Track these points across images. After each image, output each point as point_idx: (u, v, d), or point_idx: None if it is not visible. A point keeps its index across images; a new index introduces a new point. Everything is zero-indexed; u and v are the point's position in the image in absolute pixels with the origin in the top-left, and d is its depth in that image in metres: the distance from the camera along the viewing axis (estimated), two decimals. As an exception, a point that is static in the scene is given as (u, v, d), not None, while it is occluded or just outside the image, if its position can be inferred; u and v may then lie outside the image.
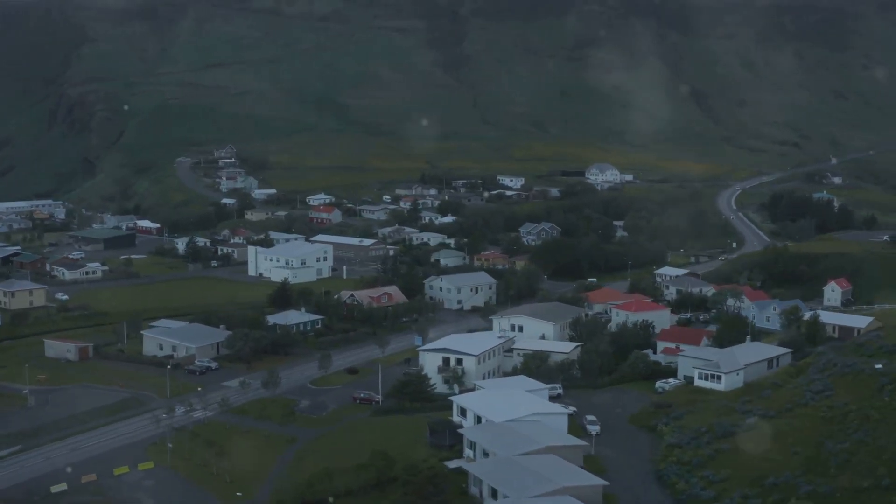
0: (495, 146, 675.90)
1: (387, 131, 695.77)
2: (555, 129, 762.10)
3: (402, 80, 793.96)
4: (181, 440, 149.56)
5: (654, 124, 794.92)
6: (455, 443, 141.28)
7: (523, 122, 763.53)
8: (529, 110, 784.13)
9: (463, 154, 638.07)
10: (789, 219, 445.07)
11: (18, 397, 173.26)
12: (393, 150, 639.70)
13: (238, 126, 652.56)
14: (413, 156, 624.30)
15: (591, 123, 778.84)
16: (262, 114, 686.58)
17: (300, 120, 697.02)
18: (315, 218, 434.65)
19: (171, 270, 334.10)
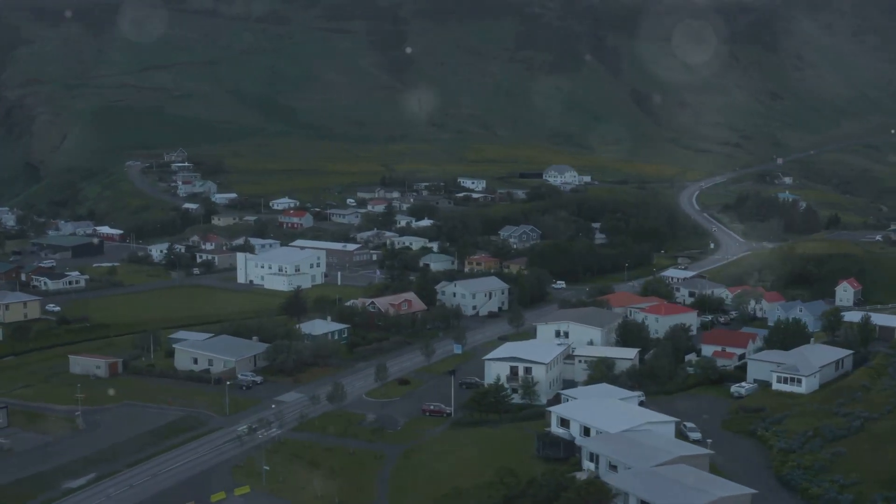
0: (447, 148, 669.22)
1: (335, 134, 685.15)
2: (503, 130, 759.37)
3: (346, 82, 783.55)
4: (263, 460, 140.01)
5: (600, 126, 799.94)
6: (569, 455, 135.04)
7: (471, 124, 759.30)
8: (476, 112, 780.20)
9: (416, 157, 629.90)
10: (757, 219, 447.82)
11: (64, 419, 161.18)
12: (345, 153, 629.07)
13: (184, 129, 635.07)
14: (366, 159, 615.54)
15: (537, 125, 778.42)
16: (207, 116, 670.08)
17: (245, 122, 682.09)
18: (285, 223, 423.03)
19: (153, 279, 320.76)
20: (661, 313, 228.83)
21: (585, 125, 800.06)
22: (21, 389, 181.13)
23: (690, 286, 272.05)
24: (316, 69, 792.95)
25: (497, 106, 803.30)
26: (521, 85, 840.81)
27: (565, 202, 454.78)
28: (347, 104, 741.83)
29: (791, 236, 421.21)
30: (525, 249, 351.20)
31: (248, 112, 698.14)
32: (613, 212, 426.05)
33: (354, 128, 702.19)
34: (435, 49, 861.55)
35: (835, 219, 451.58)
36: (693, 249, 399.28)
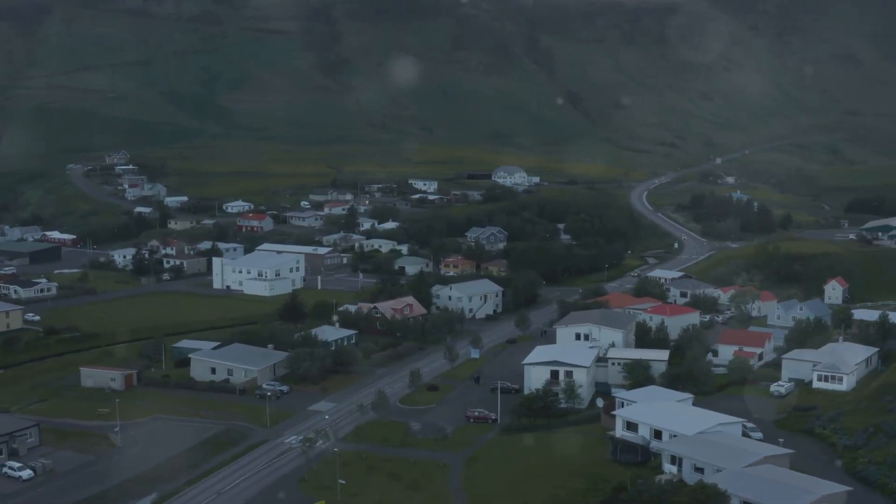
0: (389, 149, 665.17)
1: (275, 135, 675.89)
2: (442, 131, 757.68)
3: (282, 83, 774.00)
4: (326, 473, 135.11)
5: (537, 126, 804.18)
6: (647, 459, 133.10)
7: (410, 124, 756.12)
8: (414, 113, 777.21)
9: (360, 158, 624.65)
10: (713, 219, 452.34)
11: (97, 435, 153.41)
12: (288, 155, 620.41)
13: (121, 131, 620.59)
14: (310, 160, 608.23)
15: (476, 126, 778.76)
16: (144, 118, 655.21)
17: (183, 124, 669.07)
18: (245, 226, 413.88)
19: (123, 285, 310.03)
20: (667, 314, 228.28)
21: (523, 126, 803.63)
22: (36, 405, 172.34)
23: (680, 286, 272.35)
24: (251, 70, 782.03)
25: (434, 107, 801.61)
26: (457, 86, 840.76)
27: (525, 203, 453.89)
28: (284, 105, 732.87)
29: (747, 236, 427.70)
30: (499, 252, 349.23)
31: (184, 113, 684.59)
32: (577, 213, 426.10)
33: (294, 129, 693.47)
34: (369, 49, 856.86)
35: (787, 218, 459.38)
36: (656, 249, 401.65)
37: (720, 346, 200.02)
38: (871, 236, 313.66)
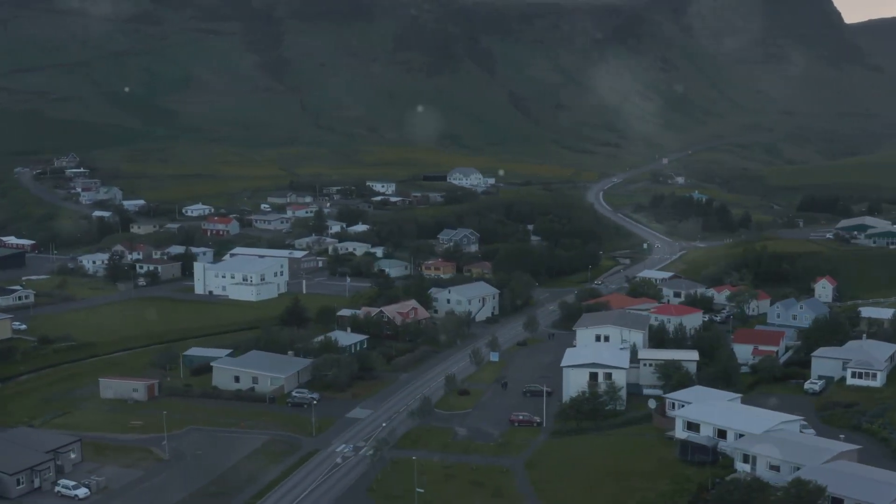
0: (338, 151, 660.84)
1: (222, 137, 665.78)
2: (389, 132, 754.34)
3: (226, 84, 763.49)
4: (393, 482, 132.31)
5: (482, 127, 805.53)
6: (716, 458, 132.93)
7: (358, 126, 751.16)
8: (361, 114, 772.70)
9: (311, 160, 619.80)
10: (675, 219, 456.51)
11: (139, 449, 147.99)
12: (239, 157, 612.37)
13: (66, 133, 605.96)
14: (261, 163, 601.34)
15: (422, 127, 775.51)
16: (88, 120, 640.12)
17: (128, 126, 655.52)
18: (210, 230, 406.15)
19: (97, 292, 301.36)
20: (672, 314, 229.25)
21: (468, 127, 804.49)
22: (59, 419, 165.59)
23: (672, 287, 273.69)
24: (194, 71, 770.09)
25: (380, 108, 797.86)
26: (402, 87, 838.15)
27: (491, 205, 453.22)
28: (230, 106, 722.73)
29: (709, 235, 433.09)
30: (479, 254, 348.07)
31: (128, 115, 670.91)
32: (544, 214, 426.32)
33: (241, 131, 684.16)
34: (312, 51, 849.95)
35: (746, 217, 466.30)
36: (624, 250, 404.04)
37: (736, 345, 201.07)
38: (849, 235, 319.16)
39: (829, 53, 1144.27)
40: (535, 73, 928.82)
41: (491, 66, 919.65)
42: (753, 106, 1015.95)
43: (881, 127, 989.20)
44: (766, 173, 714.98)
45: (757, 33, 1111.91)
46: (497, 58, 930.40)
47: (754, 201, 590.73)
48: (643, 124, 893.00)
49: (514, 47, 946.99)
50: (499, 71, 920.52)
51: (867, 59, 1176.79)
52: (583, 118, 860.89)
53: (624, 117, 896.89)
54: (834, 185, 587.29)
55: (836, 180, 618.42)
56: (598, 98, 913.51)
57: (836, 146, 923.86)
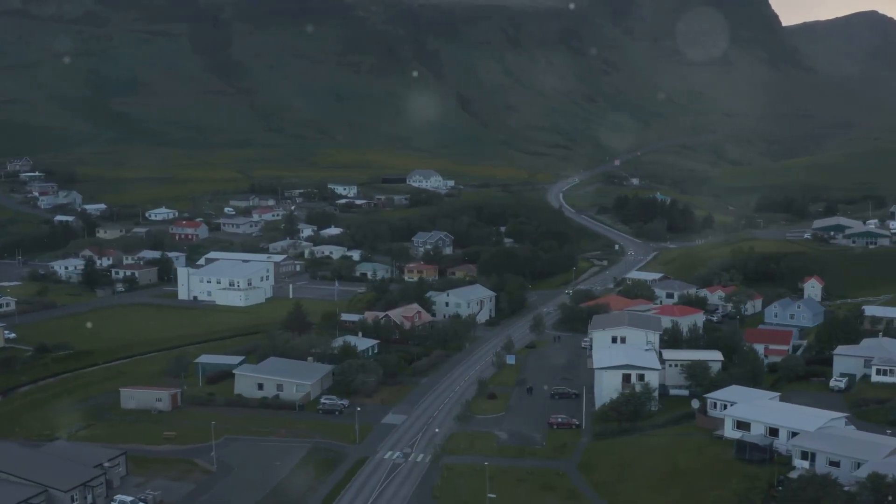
0: (292, 154, 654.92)
1: (174, 140, 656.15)
2: (340, 135, 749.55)
3: (175, 86, 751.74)
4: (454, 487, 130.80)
5: (432, 129, 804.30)
6: (771, 456, 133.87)
7: (309, 128, 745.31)
8: (311, 116, 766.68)
9: (266, 162, 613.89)
10: (640, 220, 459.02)
11: (184, 461, 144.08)
12: (193, 160, 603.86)
13: (14, 136, 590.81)
14: (218, 165, 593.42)
15: (373, 129, 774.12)
16: (37, 123, 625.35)
17: (77, 129, 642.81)
18: (179, 234, 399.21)
19: (75, 298, 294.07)
20: (676, 315, 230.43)
21: (419, 129, 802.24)
22: (84, 431, 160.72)
23: (665, 287, 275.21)
24: (141, 73, 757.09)
25: (330, 110, 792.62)
26: (351, 89, 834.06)
27: (461, 207, 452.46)
28: (180, 109, 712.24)
29: (675, 236, 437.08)
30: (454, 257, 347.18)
31: (77, 118, 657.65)
32: (514, 216, 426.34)
33: (193, 133, 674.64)
34: (261, 52, 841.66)
35: (708, 218, 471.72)
36: (594, 251, 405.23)
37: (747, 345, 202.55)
38: (828, 236, 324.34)
39: (767, 55, 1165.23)
40: (483, 75, 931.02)
41: (438, 68, 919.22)
42: (695, 107, 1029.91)
43: (819, 127, 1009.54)
44: (714, 174, 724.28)
45: (697, 36, 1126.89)
46: (444, 60, 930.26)
47: (708, 202, 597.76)
48: (590, 126, 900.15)
49: (461, 49, 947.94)
50: (446, 73, 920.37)
51: (803, 61, 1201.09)
52: (531, 120, 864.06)
53: (571, 119, 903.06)
54: (785, 186, 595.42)
55: (786, 181, 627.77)
56: (546, 100, 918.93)
57: (776, 147, 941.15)
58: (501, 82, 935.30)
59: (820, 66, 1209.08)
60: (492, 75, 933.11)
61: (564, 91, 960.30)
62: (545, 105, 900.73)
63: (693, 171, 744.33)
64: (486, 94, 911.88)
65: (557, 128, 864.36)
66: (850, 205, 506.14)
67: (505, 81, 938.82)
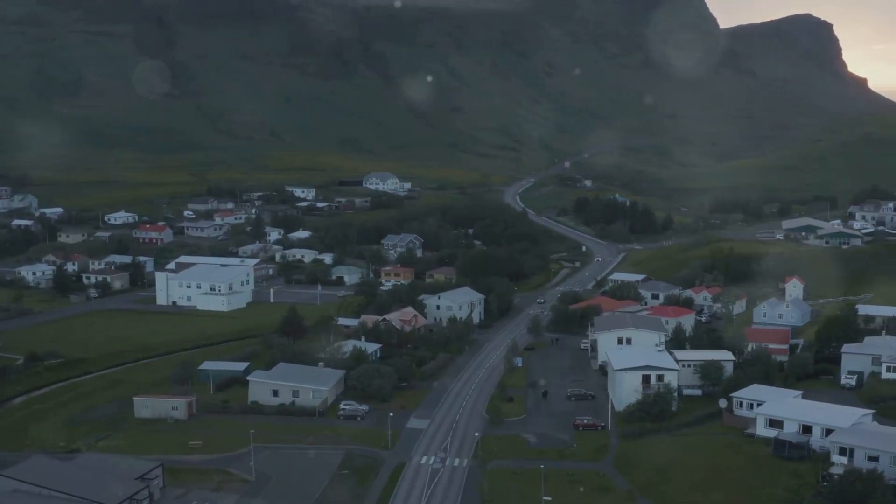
0: (243, 156, 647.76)
1: (123, 142, 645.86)
2: (290, 137, 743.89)
3: (120, 88, 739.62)
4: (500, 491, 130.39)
5: (381, 132, 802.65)
6: (809, 454, 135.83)
7: (258, 130, 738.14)
8: (260, 119, 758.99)
9: (218, 165, 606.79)
10: (603, 222, 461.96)
11: (218, 471, 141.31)
12: (144, 163, 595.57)
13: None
14: (169, 168, 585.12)
15: (322, 131, 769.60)
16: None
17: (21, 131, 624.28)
18: (143, 238, 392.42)
19: (47, 304, 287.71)
20: (670, 315, 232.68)
21: (368, 131, 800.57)
22: (102, 442, 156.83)
23: (649, 289, 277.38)
24: (86, 74, 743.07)
25: (279, 112, 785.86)
26: (298, 91, 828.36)
27: (426, 209, 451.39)
28: (127, 111, 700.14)
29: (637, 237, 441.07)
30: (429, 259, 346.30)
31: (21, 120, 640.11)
32: (481, 219, 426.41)
33: (141, 136, 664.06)
34: (207, 54, 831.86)
35: (668, 219, 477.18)
36: (561, 253, 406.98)
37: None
38: (800, 236, 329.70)
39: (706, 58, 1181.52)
40: (429, 78, 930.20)
41: (385, 70, 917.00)
42: (638, 110, 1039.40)
43: (758, 129, 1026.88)
44: (664, 175, 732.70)
45: (638, 38, 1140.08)
46: (391, 62, 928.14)
47: (660, 203, 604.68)
48: (537, 128, 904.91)
49: (407, 51, 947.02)
50: (393, 75, 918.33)
51: (741, 64, 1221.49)
52: (479, 122, 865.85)
53: (518, 121, 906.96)
54: (734, 187, 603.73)
55: (734, 182, 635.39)
56: (492, 102, 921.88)
57: (718, 148, 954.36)
58: (447, 84, 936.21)
59: (757, 68, 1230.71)
60: (438, 77, 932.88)
61: (509, 93, 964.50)
62: (491, 107, 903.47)
63: (642, 172, 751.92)
64: (433, 96, 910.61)
65: (504, 130, 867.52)
66: (803, 205, 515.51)
67: (451, 84, 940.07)
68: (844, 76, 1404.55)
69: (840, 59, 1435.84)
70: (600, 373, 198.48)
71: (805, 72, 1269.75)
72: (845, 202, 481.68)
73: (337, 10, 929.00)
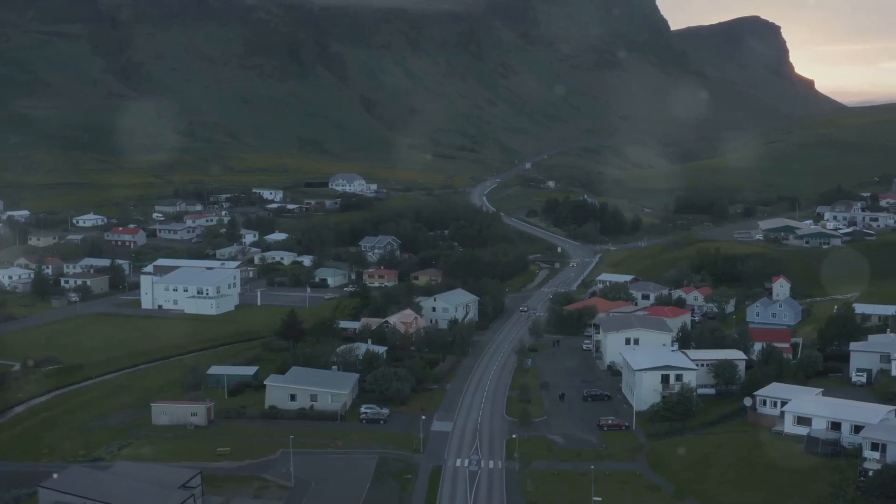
0: (205, 158, 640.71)
1: (81, 144, 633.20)
2: (249, 138, 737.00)
3: (76, 89, 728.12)
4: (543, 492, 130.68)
5: (339, 133, 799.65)
6: (841, 450, 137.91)
7: (216, 132, 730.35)
8: (218, 120, 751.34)
9: (180, 167, 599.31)
10: (574, 223, 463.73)
11: (255, 478, 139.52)
12: (106, 164, 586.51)
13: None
14: (132, 170, 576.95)
15: (280, 132, 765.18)
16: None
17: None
18: (116, 240, 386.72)
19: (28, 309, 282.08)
20: (667, 315, 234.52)
21: (328, 133, 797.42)
22: (125, 450, 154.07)
23: (640, 289, 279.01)
24: (41, 75, 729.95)
25: (237, 113, 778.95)
26: (256, 92, 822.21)
27: (399, 211, 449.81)
28: (83, 112, 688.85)
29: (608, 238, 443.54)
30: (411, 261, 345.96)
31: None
32: (456, 220, 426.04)
33: (100, 137, 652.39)
34: (162, 55, 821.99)
35: (637, 220, 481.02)
36: (536, 254, 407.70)
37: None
38: (780, 237, 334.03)
39: (658, 60, 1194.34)
40: (386, 79, 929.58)
41: (342, 71, 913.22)
42: (592, 111, 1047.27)
43: (710, 131, 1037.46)
44: (624, 176, 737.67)
45: (591, 41, 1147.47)
46: (347, 63, 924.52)
47: (625, 204, 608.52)
48: (494, 129, 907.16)
49: (363, 52, 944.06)
50: (350, 76, 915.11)
51: (692, 66, 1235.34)
52: (436, 123, 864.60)
53: (475, 122, 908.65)
54: (695, 188, 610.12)
55: (694, 183, 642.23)
56: (449, 103, 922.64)
57: (672, 150, 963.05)
58: (404, 86, 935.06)
59: (707, 70, 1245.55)
60: (394, 78, 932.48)
61: (466, 94, 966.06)
62: (448, 108, 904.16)
63: (601, 173, 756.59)
64: (390, 97, 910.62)
65: (462, 131, 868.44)
66: (767, 206, 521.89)
67: (408, 85, 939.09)
68: (792, 78, 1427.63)
69: (788, 60, 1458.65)
70: (609, 373, 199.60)
71: (754, 73, 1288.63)
72: (809, 203, 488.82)
73: (292, 10, 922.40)
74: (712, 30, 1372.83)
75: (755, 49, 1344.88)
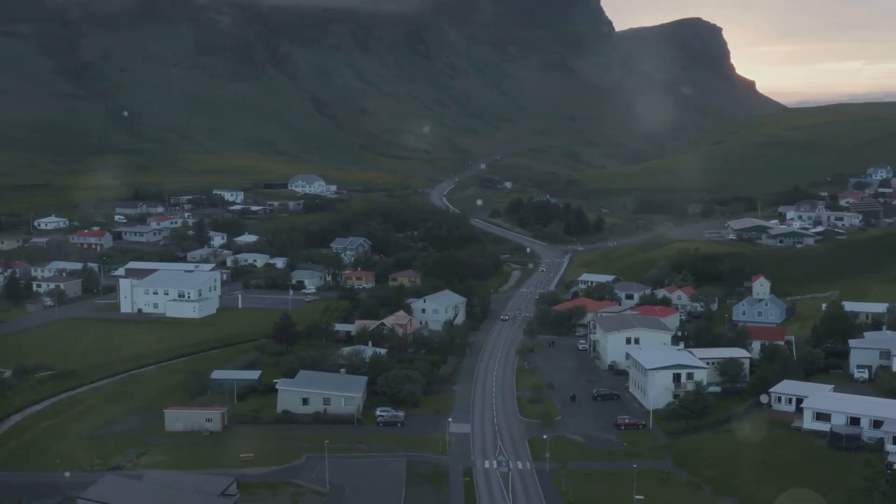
0: (159, 159, 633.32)
1: (31, 146, 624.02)
2: (200, 139, 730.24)
3: (23, 90, 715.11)
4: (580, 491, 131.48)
5: (291, 134, 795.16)
6: (862, 445, 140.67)
7: (168, 132, 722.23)
8: (169, 120, 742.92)
9: (134, 168, 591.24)
10: (538, 223, 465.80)
11: (288, 484, 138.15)
12: (60, 166, 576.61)
13: None
14: (87, 172, 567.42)
15: (232, 133, 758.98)
16: None
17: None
18: (82, 243, 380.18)
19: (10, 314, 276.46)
20: (658, 314, 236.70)
21: (280, 133, 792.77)
22: (144, 457, 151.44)
23: (623, 289, 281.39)
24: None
25: (188, 114, 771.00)
26: (206, 92, 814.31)
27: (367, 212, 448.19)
28: (33, 113, 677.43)
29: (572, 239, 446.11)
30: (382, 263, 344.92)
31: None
32: (424, 221, 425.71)
33: (51, 139, 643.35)
34: (111, 55, 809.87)
35: (600, 220, 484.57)
36: (505, 255, 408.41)
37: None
38: (753, 236, 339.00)
39: (603, 60, 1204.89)
40: (336, 80, 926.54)
41: (292, 71, 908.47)
42: (539, 112, 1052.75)
43: (657, 131, 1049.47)
44: (577, 177, 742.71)
45: (537, 41, 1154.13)
46: (297, 63, 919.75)
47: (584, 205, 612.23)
48: (445, 130, 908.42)
49: (313, 53, 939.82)
50: (300, 77, 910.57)
51: (636, 67, 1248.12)
52: (386, 124, 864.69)
53: (425, 123, 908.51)
54: (649, 188, 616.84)
55: (647, 183, 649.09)
56: (398, 104, 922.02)
57: (620, 150, 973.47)
58: (354, 86, 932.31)
59: (650, 71, 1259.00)
60: (344, 79, 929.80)
61: (415, 95, 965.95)
62: (398, 109, 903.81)
63: (552, 173, 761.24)
64: (340, 97, 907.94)
65: (412, 131, 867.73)
66: (723, 206, 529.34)
67: (357, 85, 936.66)
68: (734, 78, 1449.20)
69: (729, 62, 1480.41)
70: (611, 373, 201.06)
71: (697, 74, 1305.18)
72: (766, 203, 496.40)
73: (242, 10, 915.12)
74: (655, 31, 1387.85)
75: (697, 50, 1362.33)
